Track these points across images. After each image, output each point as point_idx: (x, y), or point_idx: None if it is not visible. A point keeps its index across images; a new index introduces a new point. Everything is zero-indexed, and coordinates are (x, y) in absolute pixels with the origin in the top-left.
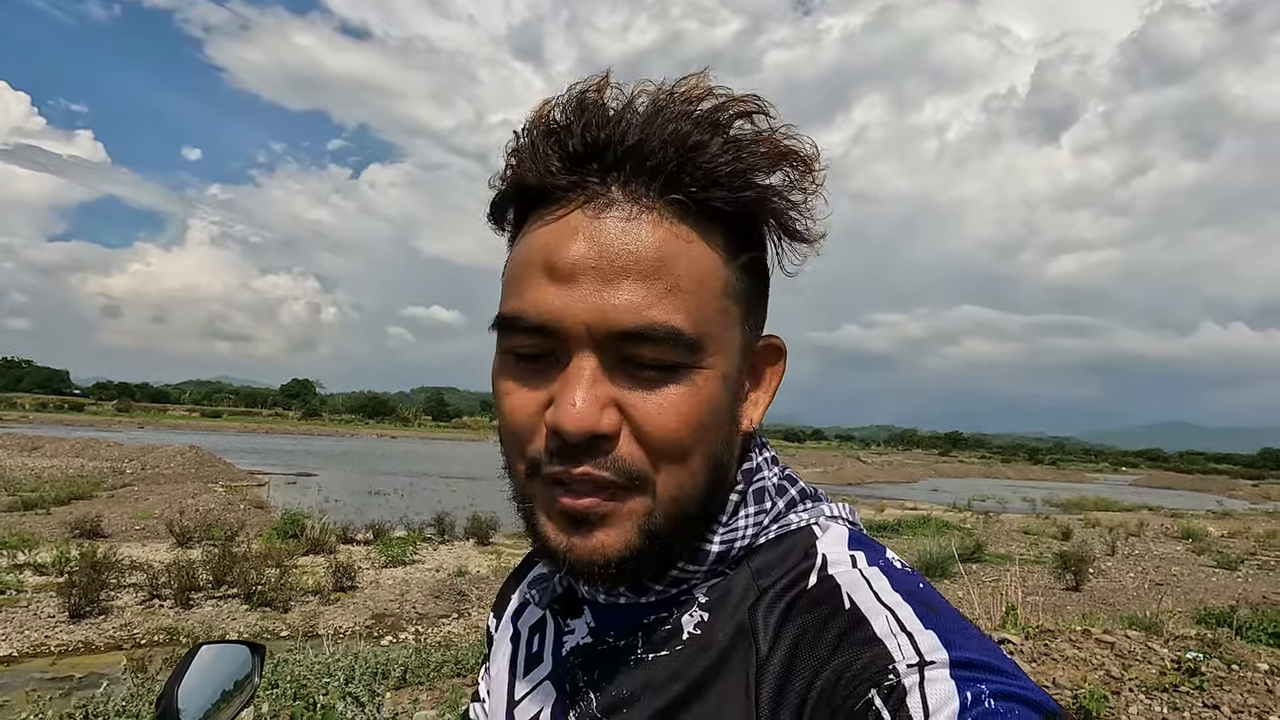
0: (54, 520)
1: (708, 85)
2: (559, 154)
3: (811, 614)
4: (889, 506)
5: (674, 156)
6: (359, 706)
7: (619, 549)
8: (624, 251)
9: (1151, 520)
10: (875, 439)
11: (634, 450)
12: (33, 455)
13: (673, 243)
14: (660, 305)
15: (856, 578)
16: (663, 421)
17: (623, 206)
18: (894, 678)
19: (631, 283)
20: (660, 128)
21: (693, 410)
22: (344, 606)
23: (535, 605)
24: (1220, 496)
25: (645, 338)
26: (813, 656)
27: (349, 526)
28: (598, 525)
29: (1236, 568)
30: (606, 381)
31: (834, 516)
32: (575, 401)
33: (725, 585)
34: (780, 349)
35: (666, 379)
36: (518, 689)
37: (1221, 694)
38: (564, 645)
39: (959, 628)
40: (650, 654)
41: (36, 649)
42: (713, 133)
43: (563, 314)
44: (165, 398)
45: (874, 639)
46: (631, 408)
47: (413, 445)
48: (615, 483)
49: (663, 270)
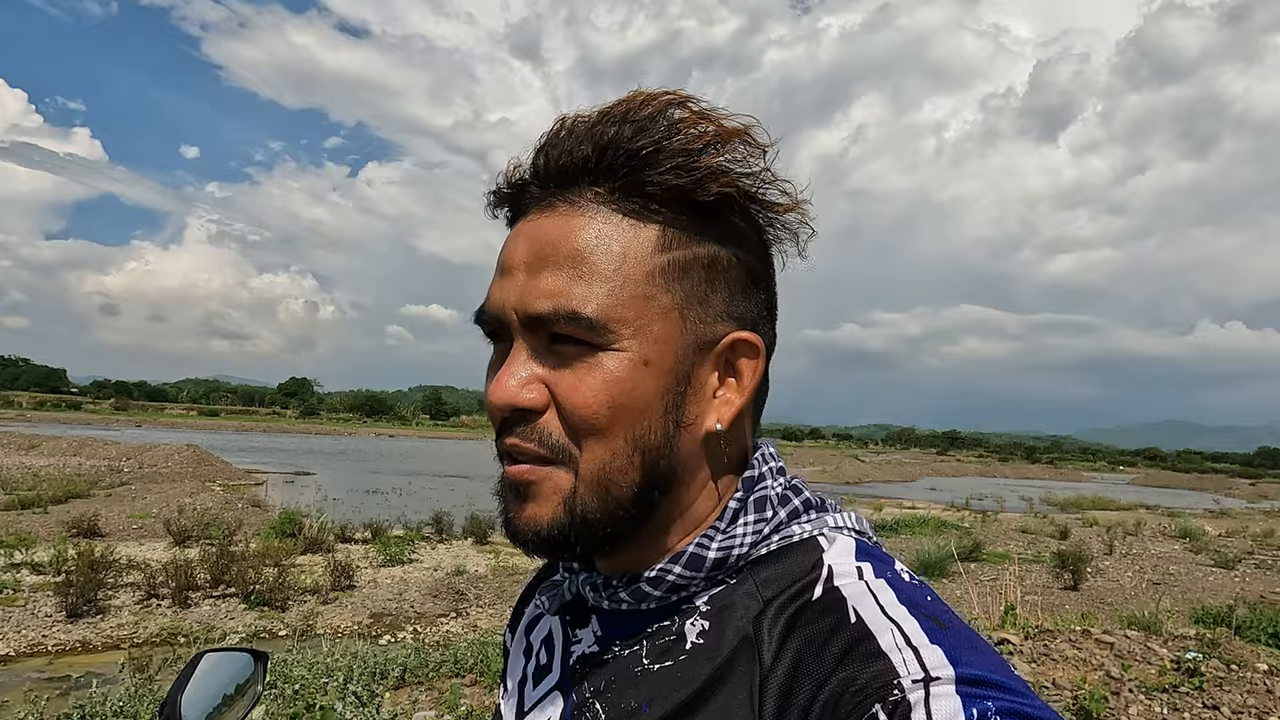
0: (51, 519)
1: (639, 93)
2: (510, 193)
3: (816, 626)
4: (887, 505)
5: (591, 152)
6: (358, 706)
7: (546, 520)
8: (547, 244)
9: (1149, 519)
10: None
11: (556, 425)
12: (30, 454)
13: (594, 235)
14: (569, 291)
15: (862, 590)
16: (576, 398)
17: (558, 207)
18: (899, 693)
19: (549, 272)
20: (583, 136)
21: (603, 388)
22: (342, 606)
23: (545, 612)
24: (1217, 495)
25: (554, 320)
26: (817, 669)
27: (347, 525)
28: (529, 496)
29: (1234, 567)
30: (534, 362)
31: (840, 527)
32: (502, 379)
33: (727, 595)
34: (756, 345)
35: (580, 359)
36: (527, 699)
37: (1221, 694)
38: (571, 655)
39: (967, 643)
40: (655, 664)
41: (34, 648)
42: (628, 126)
43: (501, 303)
44: (163, 396)
45: (879, 653)
46: (554, 385)
47: (411, 444)
48: (539, 454)
49: (578, 259)
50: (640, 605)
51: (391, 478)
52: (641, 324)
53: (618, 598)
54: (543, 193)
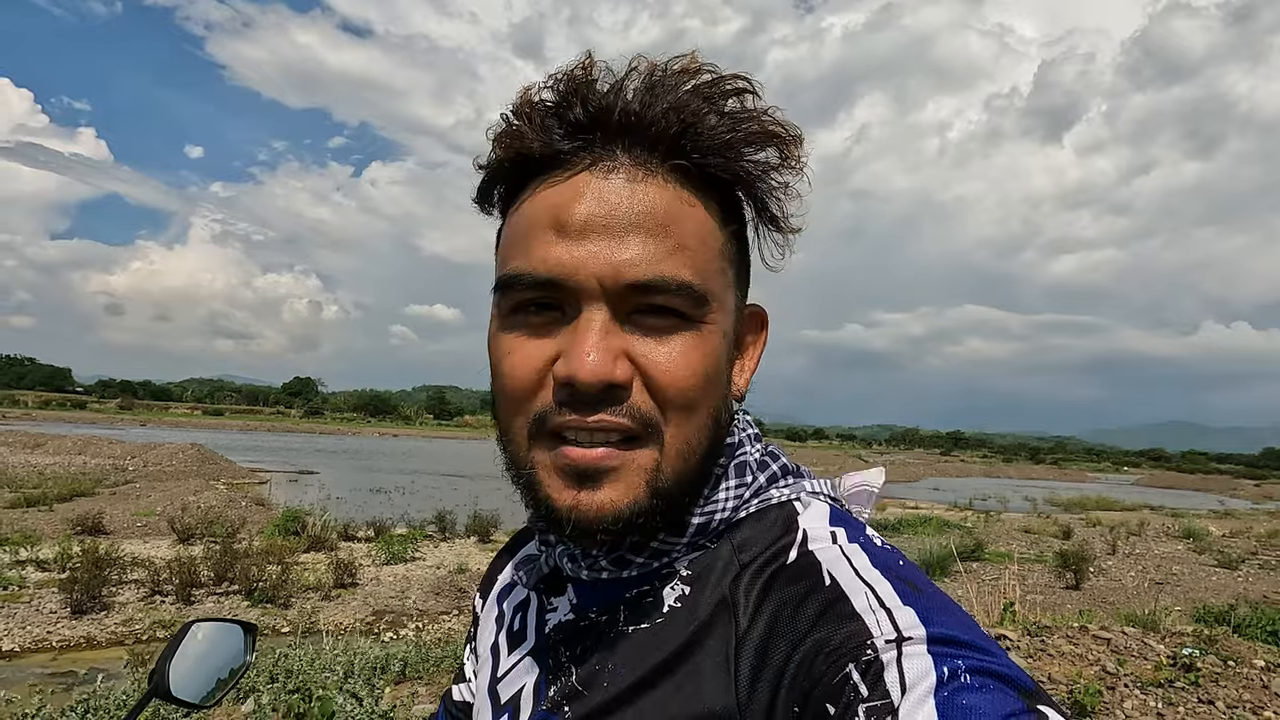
0: (56, 517)
1: (700, 62)
2: (561, 124)
3: (791, 588)
4: (890, 505)
5: (675, 123)
6: (357, 701)
7: (627, 504)
8: (632, 209)
9: (1152, 520)
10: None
11: (646, 400)
12: (35, 452)
13: (676, 204)
14: (669, 260)
15: (836, 554)
16: (673, 371)
17: (628, 169)
18: (872, 652)
19: (641, 238)
20: (660, 96)
21: (700, 362)
22: (345, 603)
23: (522, 586)
24: (1222, 496)
25: (657, 289)
26: (792, 630)
27: (350, 524)
28: (605, 479)
29: (1237, 567)
30: (618, 332)
31: (815, 493)
32: (589, 351)
33: (706, 559)
34: (764, 318)
35: (675, 331)
36: (501, 665)
37: (1217, 689)
38: (547, 622)
39: (938, 605)
40: (631, 626)
41: (39, 644)
42: (709, 105)
43: (574, 268)
44: (167, 395)
45: (853, 614)
46: (642, 358)
47: (414, 443)
48: (631, 431)
49: (670, 228)
50: (622, 573)
51: (395, 477)
52: (722, 298)
53: (598, 567)
54: (599, 144)
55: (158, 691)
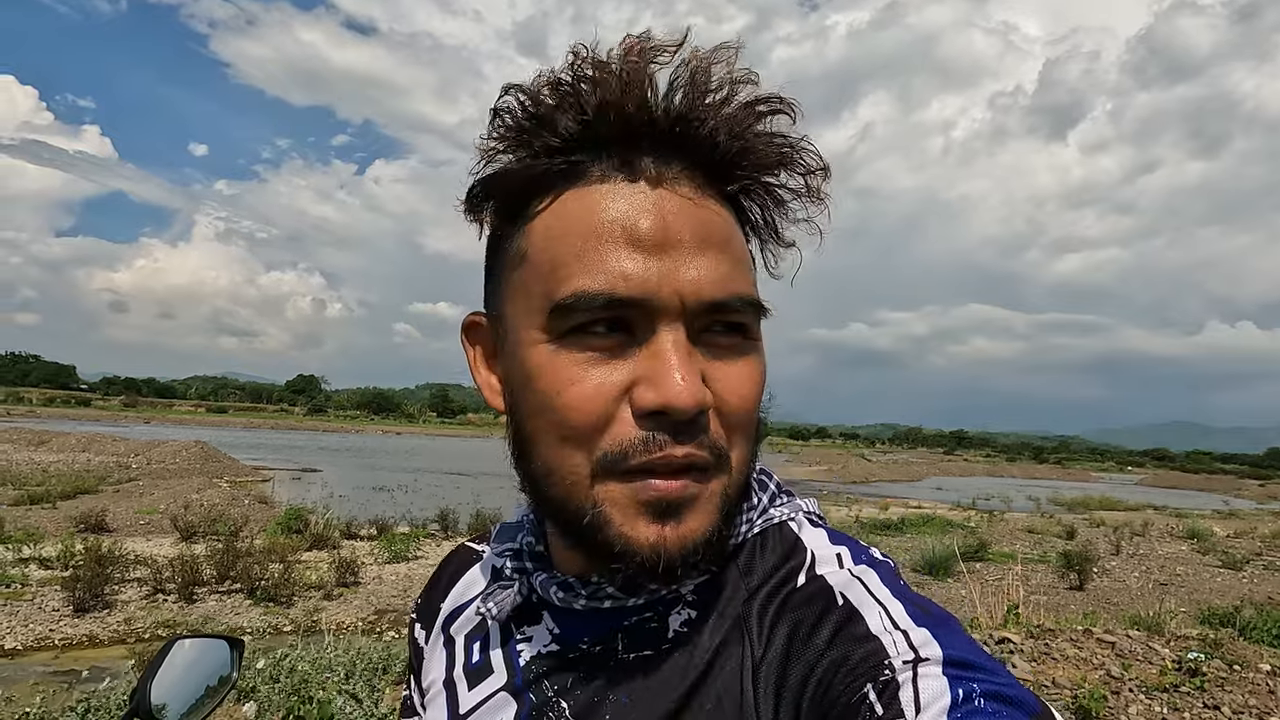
0: (59, 514)
1: (745, 70)
2: (603, 126)
3: (804, 611)
4: (893, 505)
5: (735, 146)
6: (356, 703)
7: (705, 533)
8: (699, 224)
9: (1156, 520)
10: (880, 437)
11: (718, 426)
12: (39, 450)
13: (729, 220)
14: (738, 277)
15: (847, 576)
16: (742, 393)
17: (685, 184)
18: (889, 672)
19: (712, 254)
20: (713, 108)
21: (758, 382)
22: (347, 602)
23: (494, 618)
24: (1226, 496)
25: (732, 308)
26: (808, 651)
27: (352, 522)
28: (686, 510)
29: (1242, 568)
30: (696, 354)
31: (809, 513)
32: (680, 376)
33: (712, 582)
34: None
35: (741, 351)
36: (463, 702)
37: (1222, 694)
38: (520, 654)
39: (948, 627)
40: (632, 654)
41: (41, 642)
42: (755, 121)
43: (657, 285)
44: (171, 393)
45: (868, 635)
46: (715, 381)
47: (417, 441)
48: (711, 462)
49: (730, 244)
50: (629, 601)
51: (398, 475)
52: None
53: (602, 595)
54: (655, 156)
55: (138, 712)
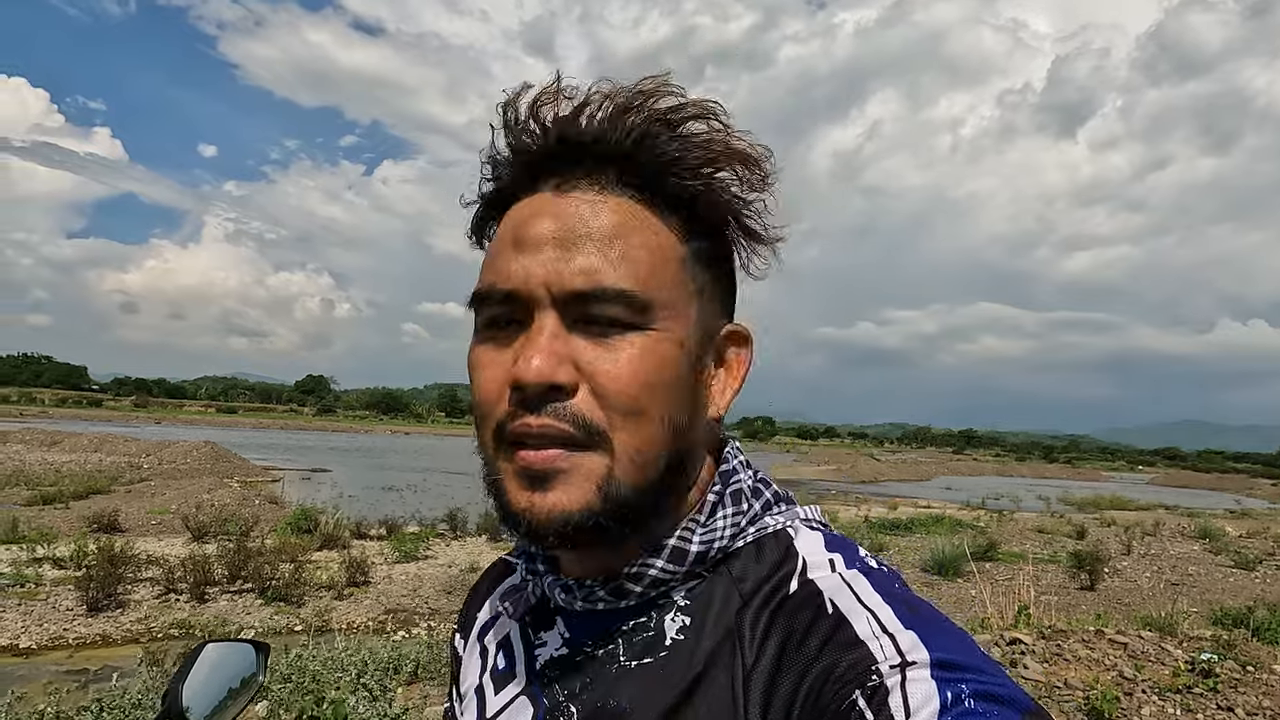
0: (72, 514)
1: (668, 86)
2: (526, 153)
3: (795, 618)
4: (902, 505)
5: (630, 148)
6: (370, 701)
7: (578, 507)
8: (582, 223)
9: (1168, 519)
10: (888, 436)
11: (591, 405)
12: (52, 450)
13: (629, 219)
14: (613, 271)
15: (837, 581)
16: (617, 376)
17: (585, 189)
18: (877, 678)
19: (588, 250)
20: (618, 120)
21: (644, 368)
22: (357, 601)
23: (509, 617)
24: (1239, 495)
25: (597, 298)
26: (798, 660)
27: (362, 522)
28: (556, 482)
29: (1254, 568)
30: (566, 338)
31: (807, 519)
32: (534, 355)
33: (705, 589)
34: (746, 336)
35: (620, 338)
36: (490, 706)
37: (1236, 695)
38: (537, 658)
39: (938, 627)
40: (633, 661)
41: (55, 641)
42: (666, 128)
43: (526, 277)
44: (182, 393)
45: (857, 641)
46: (588, 364)
47: (426, 441)
48: (574, 436)
49: (617, 241)
50: (620, 604)
51: (407, 474)
52: (677, 307)
53: (594, 597)
54: (560, 168)
55: (170, 715)
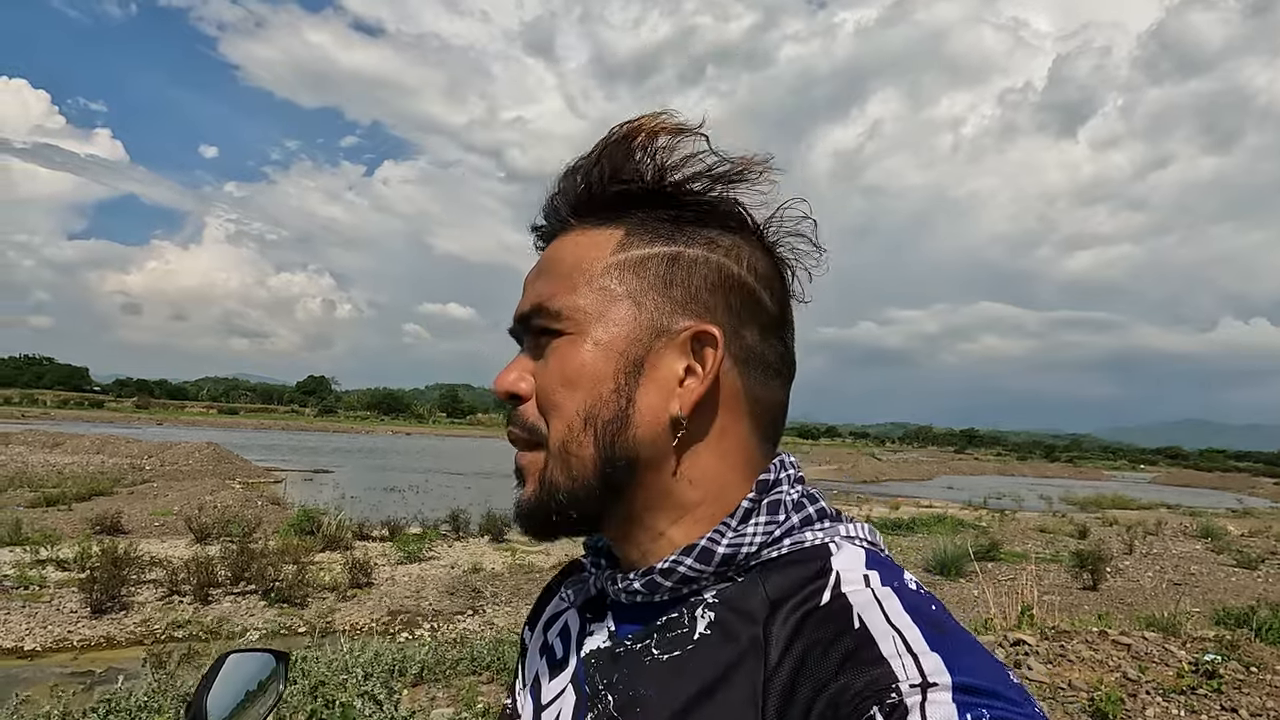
0: (75, 516)
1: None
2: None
3: (821, 631)
4: (904, 504)
5: (576, 194)
6: (376, 704)
7: (527, 499)
8: (542, 263)
9: (1170, 519)
10: (890, 436)
11: (533, 410)
12: (54, 451)
13: (569, 244)
14: (542, 291)
15: (869, 598)
16: (543, 380)
17: (555, 237)
18: (896, 696)
19: (538, 281)
20: (574, 176)
21: (559, 367)
22: (360, 603)
23: (570, 605)
24: (1240, 495)
25: (528, 317)
26: (819, 672)
27: (365, 523)
28: (523, 478)
29: (1257, 567)
30: (526, 358)
31: (851, 537)
32: (502, 372)
33: (736, 592)
34: (712, 335)
35: (550, 346)
36: (544, 694)
37: (1240, 696)
38: (584, 648)
39: (967, 650)
40: (664, 654)
41: (59, 644)
42: (600, 159)
43: (514, 315)
44: (183, 394)
45: (879, 659)
46: (535, 375)
47: (427, 442)
48: (525, 439)
49: (553, 266)
50: (653, 597)
51: (408, 475)
52: (596, 311)
53: (632, 589)
54: (551, 228)
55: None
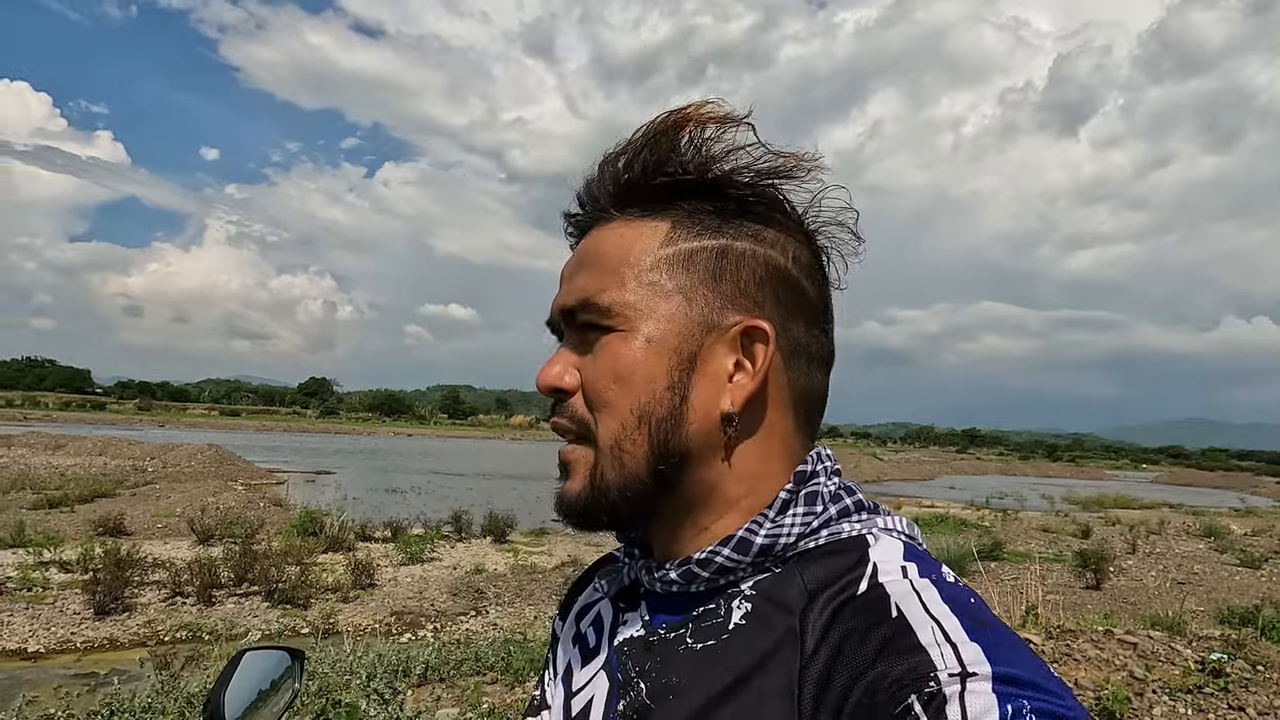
0: (78, 518)
1: (667, 113)
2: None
3: (858, 619)
4: (906, 504)
5: (619, 182)
6: (382, 704)
7: (574, 493)
8: (583, 255)
9: (1173, 518)
10: (892, 436)
11: (580, 403)
12: (57, 454)
13: (613, 236)
14: (588, 285)
15: (907, 588)
16: (591, 375)
17: (595, 228)
18: (935, 685)
19: (580, 275)
20: (617, 163)
21: (610, 364)
22: (363, 604)
23: (604, 595)
24: (1243, 494)
25: (575, 311)
26: (856, 660)
27: (367, 524)
28: (568, 472)
29: (1260, 566)
30: (570, 351)
31: (889, 529)
32: (545, 366)
33: (773, 582)
34: (766, 331)
35: (598, 341)
36: (576, 680)
37: (1247, 695)
38: (617, 636)
39: (1007, 643)
40: (699, 643)
41: (63, 645)
42: (644, 148)
43: (553, 308)
44: (185, 396)
45: (918, 647)
46: (581, 369)
47: (429, 443)
48: (573, 430)
49: (599, 259)
50: (690, 587)
51: (410, 477)
52: (646, 307)
53: (668, 579)
54: (588, 218)
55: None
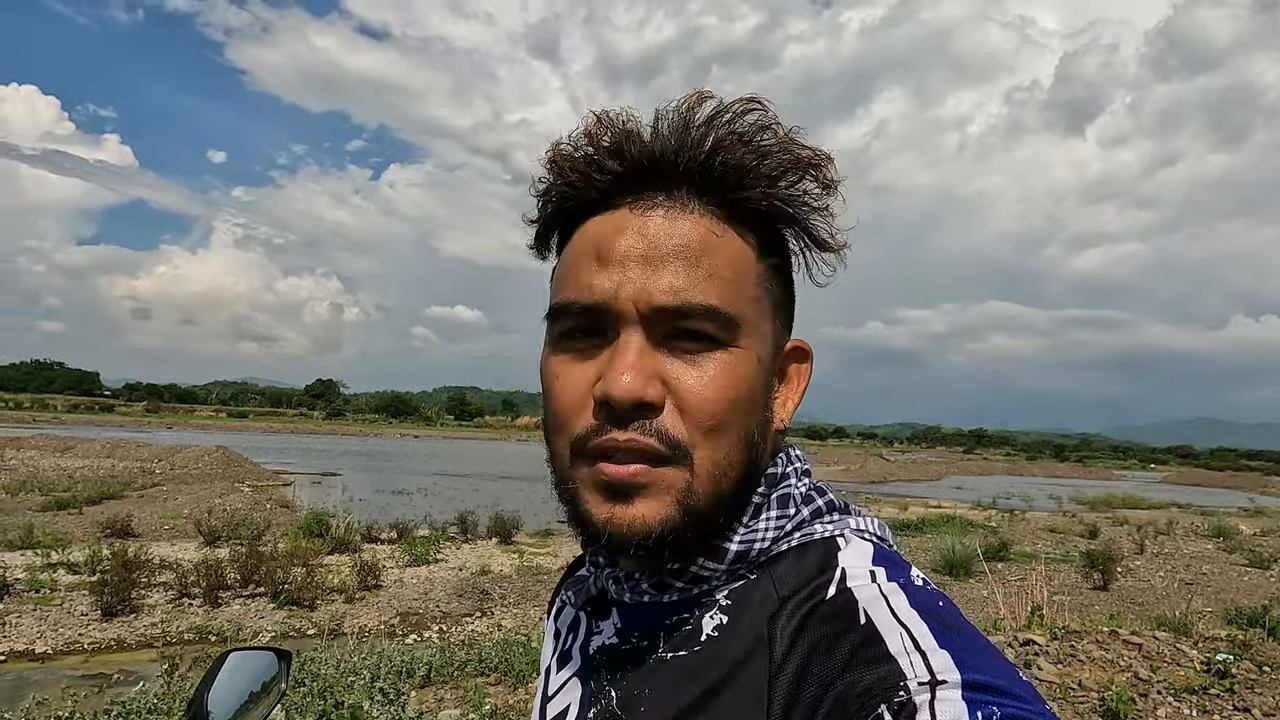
0: (86, 520)
1: (723, 99)
2: (605, 173)
3: (826, 627)
4: (912, 505)
5: (704, 161)
6: (385, 704)
7: (658, 520)
8: (667, 240)
9: (1181, 518)
10: (898, 436)
11: (676, 421)
12: (65, 456)
13: (710, 236)
14: (699, 287)
15: (875, 594)
16: (703, 393)
17: (665, 206)
18: (904, 694)
19: (674, 267)
20: (685, 135)
21: (729, 385)
22: (369, 605)
23: (570, 605)
24: (1252, 494)
25: (686, 314)
26: (825, 669)
27: (373, 525)
28: (639, 495)
29: (1269, 566)
30: (652, 355)
31: (860, 530)
32: (624, 371)
33: (746, 590)
34: (807, 351)
35: (705, 355)
36: (552, 684)
37: (1253, 696)
38: (591, 644)
39: (976, 648)
40: (670, 653)
41: (71, 646)
42: (738, 140)
43: (613, 294)
44: (193, 398)
45: (887, 656)
46: (674, 380)
47: (435, 444)
48: (659, 451)
49: (702, 259)
50: (662, 597)
51: (416, 478)
52: (755, 324)
53: (640, 590)
54: (639, 186)
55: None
